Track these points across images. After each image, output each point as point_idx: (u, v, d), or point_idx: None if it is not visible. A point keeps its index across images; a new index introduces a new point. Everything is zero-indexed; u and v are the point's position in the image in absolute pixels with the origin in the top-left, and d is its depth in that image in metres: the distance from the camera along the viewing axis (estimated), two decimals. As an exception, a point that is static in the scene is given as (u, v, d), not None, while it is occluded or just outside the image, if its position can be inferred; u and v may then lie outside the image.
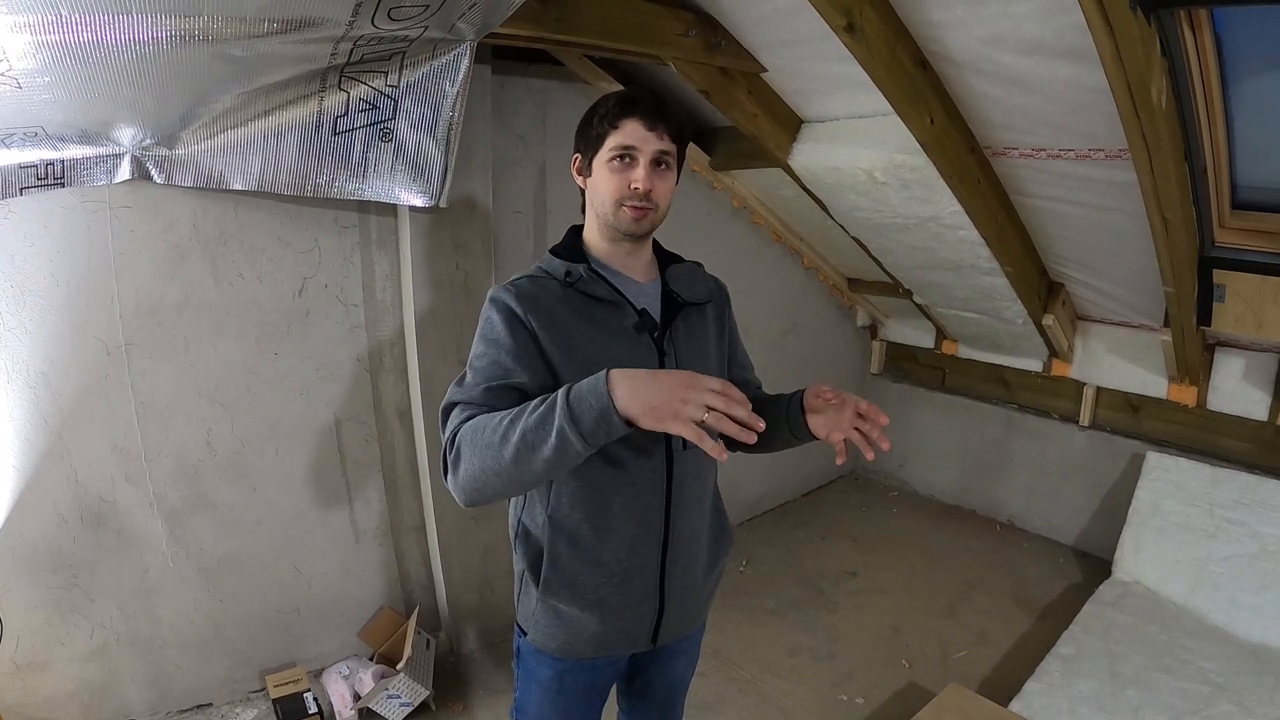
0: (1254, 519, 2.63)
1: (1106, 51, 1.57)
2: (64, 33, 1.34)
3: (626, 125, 1.15)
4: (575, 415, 0.94)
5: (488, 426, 1.01)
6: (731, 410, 0.91)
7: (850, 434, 1.15)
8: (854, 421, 1.15)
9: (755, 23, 2.19)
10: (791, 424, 1.25)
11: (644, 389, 0.93)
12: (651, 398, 0.92)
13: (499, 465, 0.99)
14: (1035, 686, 2.21)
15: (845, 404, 1.17)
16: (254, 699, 2.34)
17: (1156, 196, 1.96)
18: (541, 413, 0.97)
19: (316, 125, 1.90)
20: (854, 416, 1.15)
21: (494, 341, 1.13)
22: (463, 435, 1.04)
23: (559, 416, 0.94)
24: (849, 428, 1.15)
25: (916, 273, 3.18)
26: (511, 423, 0.99)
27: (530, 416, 0.98)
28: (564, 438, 0.94)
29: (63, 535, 2.00)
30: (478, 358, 1.14)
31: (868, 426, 1.15)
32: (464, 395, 1.10)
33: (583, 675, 1.32)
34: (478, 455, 1.01)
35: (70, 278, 1.91)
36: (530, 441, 0.97)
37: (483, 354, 1.13)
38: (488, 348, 1.13)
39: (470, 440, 1.02)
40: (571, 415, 0.94)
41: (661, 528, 1.23)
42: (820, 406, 1.21)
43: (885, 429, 1.14)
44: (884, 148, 2.37)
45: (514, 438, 0.97)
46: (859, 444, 1.15)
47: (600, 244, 1.24)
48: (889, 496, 4.08)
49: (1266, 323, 2.29)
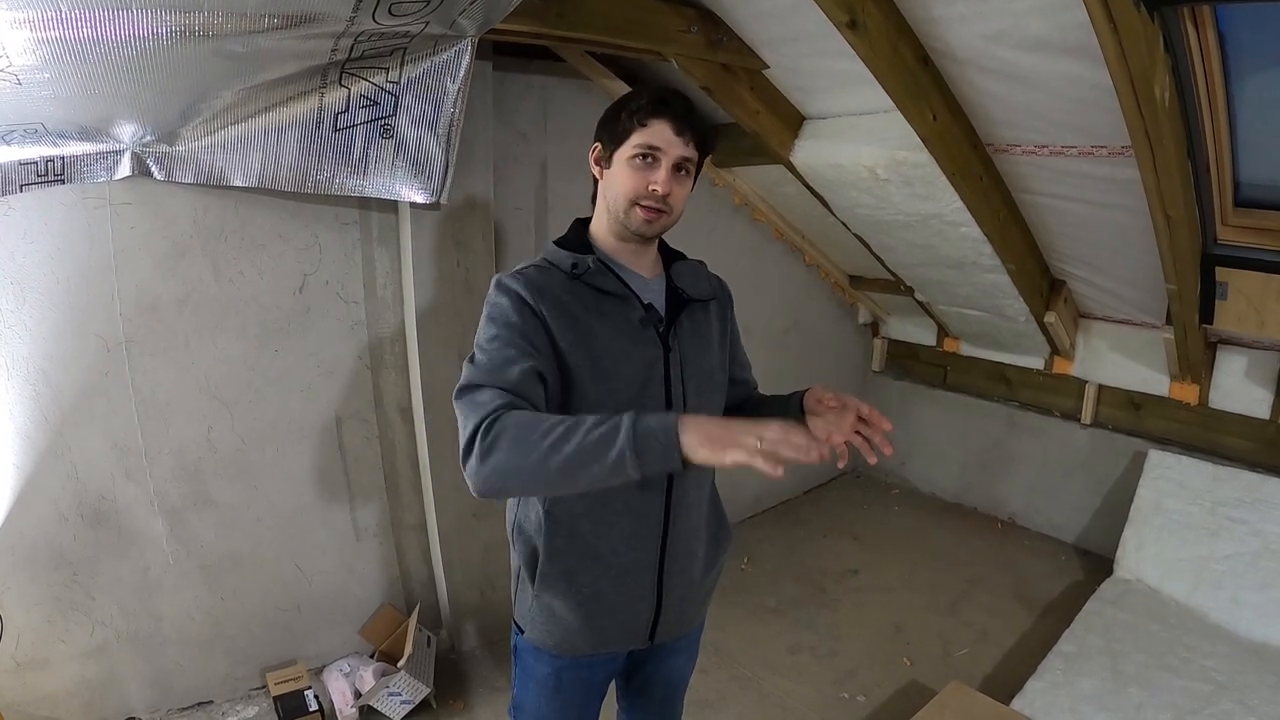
0: (1256, 517, 2.62)
1: (1109, 48, 1.56)
2: (64, 29, 1.34)
3: (655, 125, 1.14)
4: (639, 448, 0.93)
5: (537, 430, 0.98)
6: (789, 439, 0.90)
7: (852, 438, 1.15)
8: (855, 425, 1.15)
9: (757, 19, 2.18)
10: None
11: (709, 426, 0.93)
12: (714, 432, 0.93)
13: (538, 470, 0.98)
14: (1037, 684, 2.20)
15: (846, 407, 1.17)
16: (255, 696, 2.34)
17: (1159, 194, 1.95)
18: (603, 434, 0.95)
19: (317, 122, 1.90)
20: (855, 420, 1.15)
21: (509, 325, 1.11)
22: (505, 429, 1.00)
23: (623, 443, 0.94)
24: (850, 431, 1.15)
25: (918, 270, 3.17)
26: (564, 436, 0.96)
27: (589, 435, 0.96)
28: (621, 464, 0.94)
29: (63, 533, 2.00)
30: (490, 340, 1.10)
31: (869, 430, 1.15)
32: (488, 379, 1.06)
33: (580, 672, 1.32)
34: (518, 454, 0.98)
35: (71, 274, 1.90)
36: (583, 460, 0.96)
37: (496, 336, 1.10)
38: (502, 329, 1.11)
39: (514, 438, 0.99)
40: (636, 447, 0.93)
41: (660, 524, 1.23)
42: (821, 411, 1.21)
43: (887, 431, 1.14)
44: (886, 144, 2.36)
45: (566, 450, 0.96)
46: (861, 447, 1.15)
47: (607, 238, 1.23)
48: (890, 494, 4.08)
49: (1269, 321, 2.28)
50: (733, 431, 0.92)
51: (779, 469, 0.89)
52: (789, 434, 0.90)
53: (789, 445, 0.89)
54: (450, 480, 2.46)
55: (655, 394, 1.20)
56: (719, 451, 0.91)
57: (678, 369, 1.22)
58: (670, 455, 0.93)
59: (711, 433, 0.92)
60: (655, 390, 1.20)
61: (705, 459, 0.92)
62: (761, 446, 0.89)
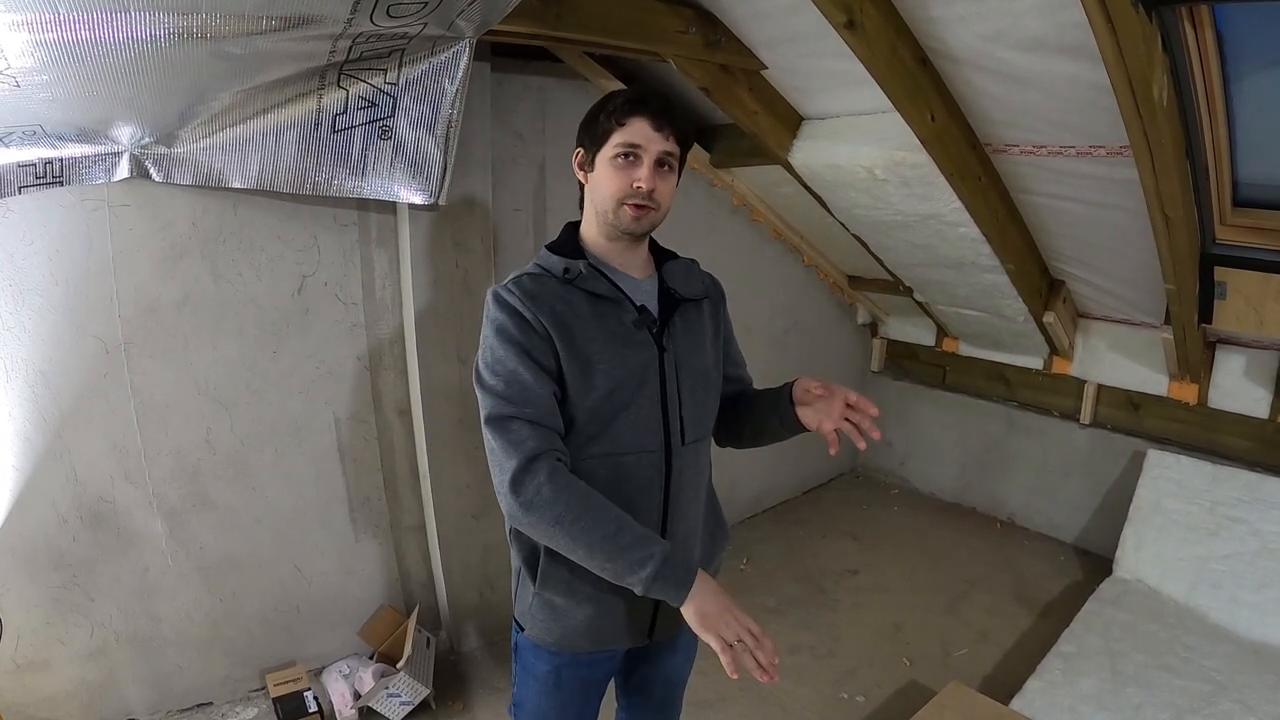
0: (1255, 517, 2.62)
1: (1108, 48, 1.56)
2: (62, 31, 1.33)
3: (633, 123, 1.15)
4: (651, 587, 1.06)
5: (591, 524, 1.08)
6: (758, 650, 1.02)
7: (841, 424, 1.18)
8: (844, 412, 1.18)
9: (755, 19, 2.18)
10: (781, 415, 1.27)
11: (710, 604, 1.05)
12: (708, 608, 1.05)
13: (571, 547, 1.09)
14: (1036, 684, 2.20)
15: (834, 395, 1.20)
16: (254, 698, 2.34)
17: (1158, 193, 1.95)
18: (634, 560, 1.07)
19: (315, 123, 1.90)
20: (844, 407, 1.18)
21: (516, 344, 1.13)
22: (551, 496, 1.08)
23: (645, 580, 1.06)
24: (839, 418, 1.18)
25: (917, 270, 3.17)
26: (606, 540, 1.07)
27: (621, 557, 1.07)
28: (630, 583, 1.07)
29: (62, 534, 2.00)
30: (500, 361, 1.14)
31: (858, 416, 1.17)
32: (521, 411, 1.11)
33: (580, 670, 1.33)
34: (565, 531, 1.08)
35: (69, 276, 1.90)
36: (604, 563, 1.08)
37: (506, 357, 1.13)
38: (510, 349, 1.13)
39: (561, 513, 1.08)
40: (650, 585, 1.06)
41: (658, 523, 1.23)
42: (809, 400, 1.23)
43: (883, 424, 1.17)
44: (884, 145, 2.36)
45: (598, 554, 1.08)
46: (850, 434, 1.18)
47: (598, 240, 1.24)
48: (889, 494, 4.08)
49: (1268, 320, 2.28)
50: (721, 620, 1.03)
51: (734, 673, 1.02)
52: (763, 645, 1.02)
53: (757, 654, 1.01)
54: (449, 481, 2.46)
55: (651, 395, 1.20)
56: (703, 627, 1.04)
57: (672, 369, 1.22)
58: (670, 601, 1.06)
59: (708, 609, 1.04)
60: (651, 392, 1.20)
61: (690, 621, 1.05)
62: (734, 647, 1.02)
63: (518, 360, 1.12)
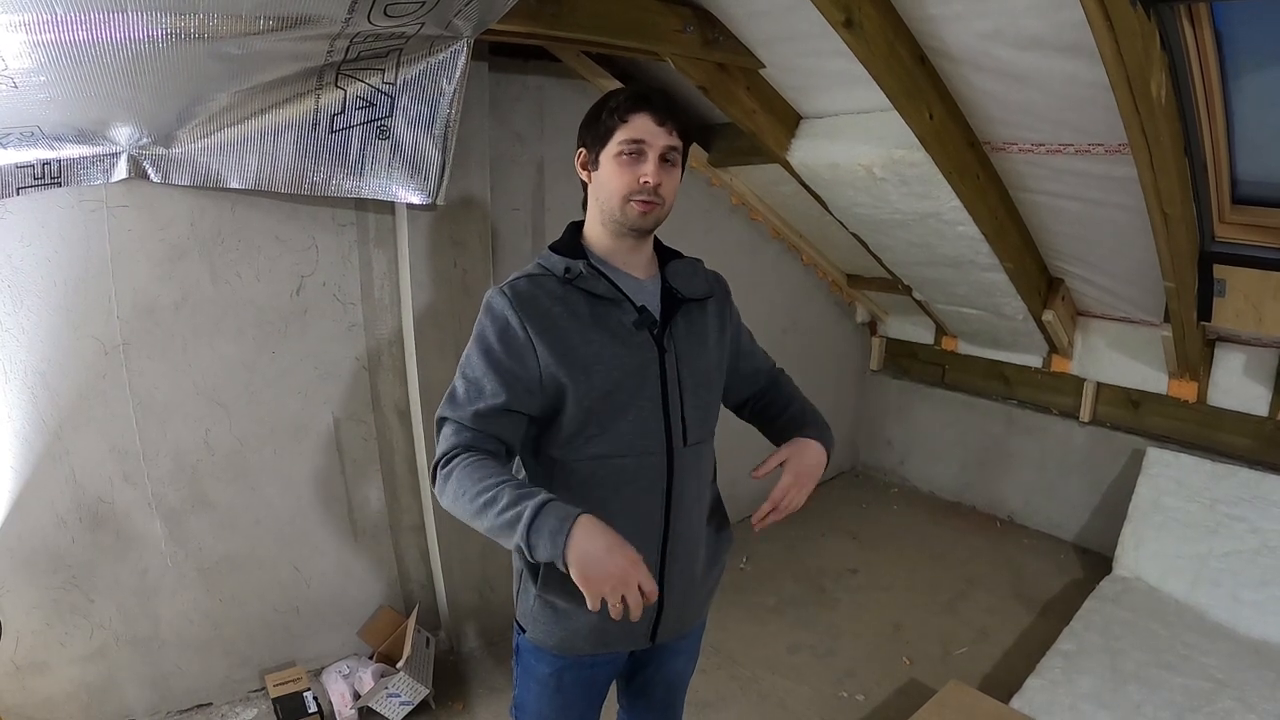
0: (1255, 514, 2.62)
1: (1106, 46, 1.56)
2: (60, 31, 1.33)
3: (636, 120, 1.15)
4: (531, 545, 1.02)
5: (469, 492, 1.08)
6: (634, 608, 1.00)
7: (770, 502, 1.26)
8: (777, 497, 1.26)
9: (753, 18, 2.18)
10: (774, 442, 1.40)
11: (592, 559, 0.99)
12: (590, 569, 0.99)
13: (478, 526, 1.09)
14: (1036, 683, 2.20)
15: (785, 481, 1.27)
16: (254, 698, 2.34)
17: (1156, 191, 1.95)
18: (508, 520, 1.04)
19: (313, 123, 1.90)
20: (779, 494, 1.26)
21: (488, 353, 1.16)
22: (451, 476, 1.11)
23: (518, 537, 1.02)
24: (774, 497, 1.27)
25: (916, 269, 3.17)
26: (485, 506, 1.06)
27: (499, 517, 1.04)
28: (519, 549, 1.04)
29: (62, 536, 2.00)
30: (469, 368, 1.18)
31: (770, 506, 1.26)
32: (455, 413, 1.16)
33: (581, 672, 1.32)
34: (457, 507, 1.10)
35: (67, 277, 1.90)
36: (496, 533, 1.07)
37: (474, 366, 1.17)
38: (481, 358, 1.17)
39: (455, 491, 1.10)
40: (529, 544, 1.02)
41: (661, 524, 1.23)
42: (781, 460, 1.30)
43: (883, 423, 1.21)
44: (883, 143, 2.36)
45: (485, 523, 1.07)
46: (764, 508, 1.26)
47: (602, 240, 1.23)
48: (889, 493, 4.08)
49: (1267, 318, 2.28)
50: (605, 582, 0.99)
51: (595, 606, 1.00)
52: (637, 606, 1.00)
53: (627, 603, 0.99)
54: (449, 481, 2.46)
55: (651, 396, 1.20)
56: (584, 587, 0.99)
57: (674, 370, 1.22)
58: (555, 559, 1.01)
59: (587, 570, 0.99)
60: (651, 393, 1.20)
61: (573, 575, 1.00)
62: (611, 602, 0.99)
63: (484, 369, 1.15)
